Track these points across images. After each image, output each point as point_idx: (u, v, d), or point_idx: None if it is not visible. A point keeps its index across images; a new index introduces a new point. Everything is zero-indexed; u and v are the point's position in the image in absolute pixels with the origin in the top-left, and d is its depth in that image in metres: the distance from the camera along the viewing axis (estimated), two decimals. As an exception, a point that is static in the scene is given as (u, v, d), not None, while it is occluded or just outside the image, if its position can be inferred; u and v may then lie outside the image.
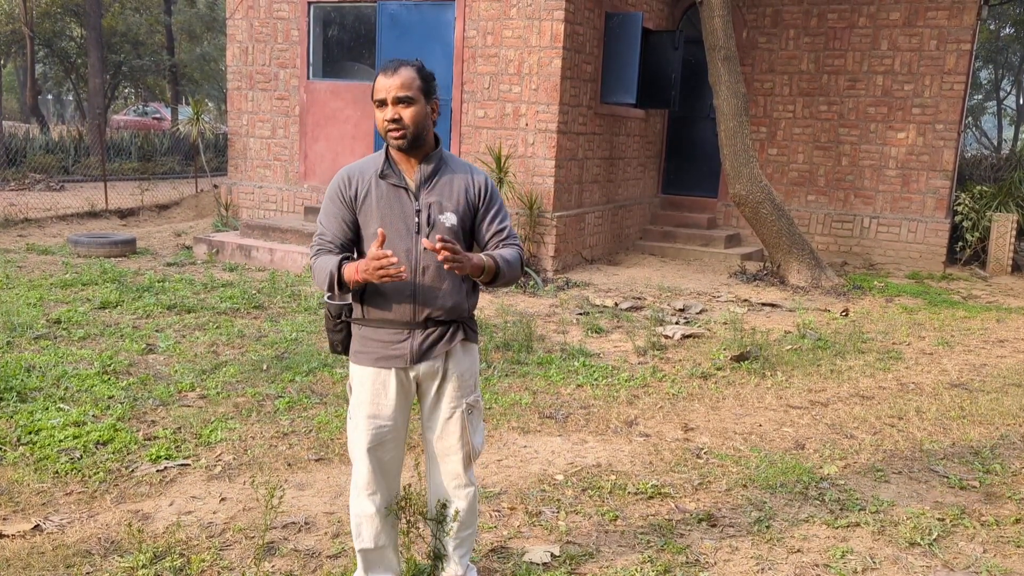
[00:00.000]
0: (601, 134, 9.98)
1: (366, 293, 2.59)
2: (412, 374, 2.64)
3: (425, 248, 2.45)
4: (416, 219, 2.55)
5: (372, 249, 2.40)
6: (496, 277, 2.57)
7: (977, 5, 10.06)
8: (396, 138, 2.51)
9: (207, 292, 7.37)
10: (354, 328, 2.66)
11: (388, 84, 2.49)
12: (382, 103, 2.51)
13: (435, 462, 2.78)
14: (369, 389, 2.62)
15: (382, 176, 2.57)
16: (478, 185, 2.64)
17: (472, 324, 2.73)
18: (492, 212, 2.66)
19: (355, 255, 2.65)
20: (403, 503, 2.80)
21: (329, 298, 2.65)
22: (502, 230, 2.66)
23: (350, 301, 2.64)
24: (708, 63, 9.07)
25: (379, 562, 2.79)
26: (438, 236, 2.39)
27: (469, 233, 2.67)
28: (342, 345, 2.70)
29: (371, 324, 2.61)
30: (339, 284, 2.51)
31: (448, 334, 2.63)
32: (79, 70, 24.95)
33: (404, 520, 2.83)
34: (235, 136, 11.06)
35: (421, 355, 2.61)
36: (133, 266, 8.44)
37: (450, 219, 2.58)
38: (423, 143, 2.57)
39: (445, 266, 2.41)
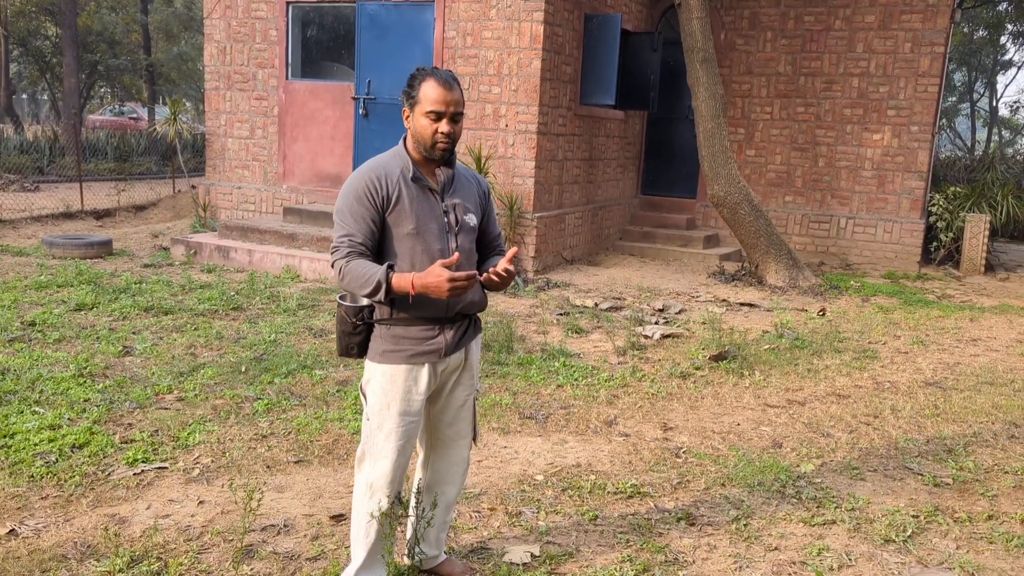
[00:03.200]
0: (581, 135, 10.01)
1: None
2: (441, 367, 2.74)
3: (456, 252, 2.62)
4: (445, 219, 2.69)
5: (437, 268, 2.47)
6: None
7: (950, 8, 10.20)
8: (444, 149, 2.63)
9: (185, 294, 7.31)
10: (380, 329, 2.67)
11: (449, 98, 2.58)
12: (439, 115, 2.58)
13: (443, 450, 2.91)
14: (401, 386, 2.67)
15: (413, 179, 2.65)
16: (484, 190, 2.88)
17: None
18: (492, 217, 2.90)
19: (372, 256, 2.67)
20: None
21: (342, 299, 2.68)
22: (499, 235, 2.93)
23: (366, 303, 2.65)
24: (686, 65, 9.13)
25: (378, 559, 2.83)
26: (507, 262, 2.59)
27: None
28: (359, 348, 2.70)
29: (401, 323, 2.66)
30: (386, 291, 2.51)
31: (471, 326, 2.81)
32: (54, 69, 24.69)
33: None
34: (213, 136, 10.99)
35: (453, 347, 2.73)
36: (109, 267, 8.35)
37: (472, 219, 2.77)
38: None
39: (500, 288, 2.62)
